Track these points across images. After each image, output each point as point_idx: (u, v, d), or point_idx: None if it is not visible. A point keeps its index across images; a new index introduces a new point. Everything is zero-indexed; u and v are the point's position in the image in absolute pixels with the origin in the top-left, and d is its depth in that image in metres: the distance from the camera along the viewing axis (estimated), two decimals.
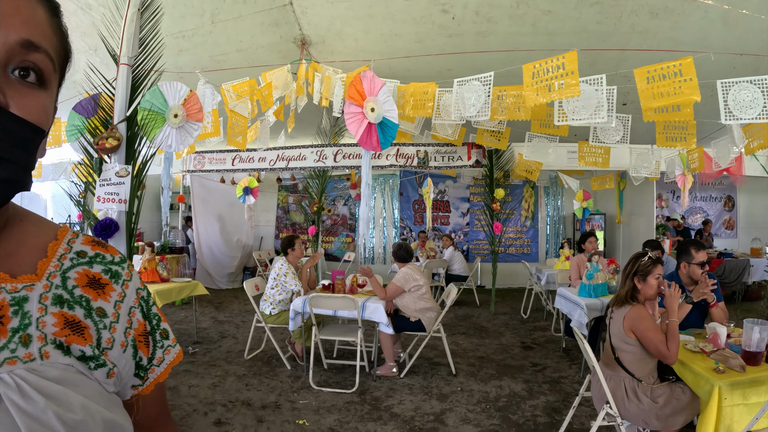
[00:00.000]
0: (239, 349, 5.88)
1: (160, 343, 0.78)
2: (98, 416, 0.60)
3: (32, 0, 0.61)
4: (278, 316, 5.38)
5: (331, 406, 4.23)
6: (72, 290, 0.66)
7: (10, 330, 0.58)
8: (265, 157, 8.92)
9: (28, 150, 0.60)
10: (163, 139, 4.02)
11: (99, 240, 0.75)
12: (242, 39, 6.55)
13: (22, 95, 0.59)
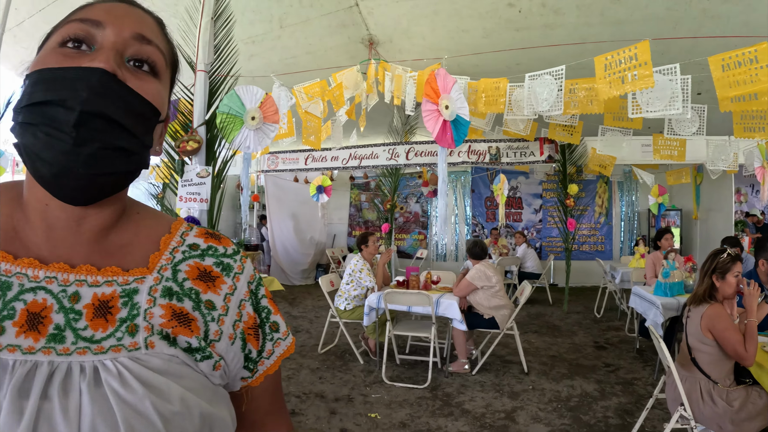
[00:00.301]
0: (313, 344, 5.99)
1: (270, 336, 0.77)
2: (196, 409, 0.61)
3: (142, 12, 0.69)
4: (353, 312, 5.45)
5: (402, 401, 4.25)
6: (182, 283, 0.68)
7: (118, 320, 0.61)
8: (338, 156, 9.03)
9: (144, 125, 0.63)
10: (242, 140, 4.12)
11: (213, 232, 0.77)
12: (311, 42, 6.65)
13: (138, 78, 0.64)
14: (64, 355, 0.57)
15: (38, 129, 0.57)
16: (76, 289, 0.61)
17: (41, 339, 0.57)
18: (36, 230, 0.64)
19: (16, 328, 0.56)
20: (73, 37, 0.61)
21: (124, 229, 0.69)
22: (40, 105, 0.57)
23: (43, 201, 0.62)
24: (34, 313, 0.58)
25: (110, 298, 0.62)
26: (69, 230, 0.64)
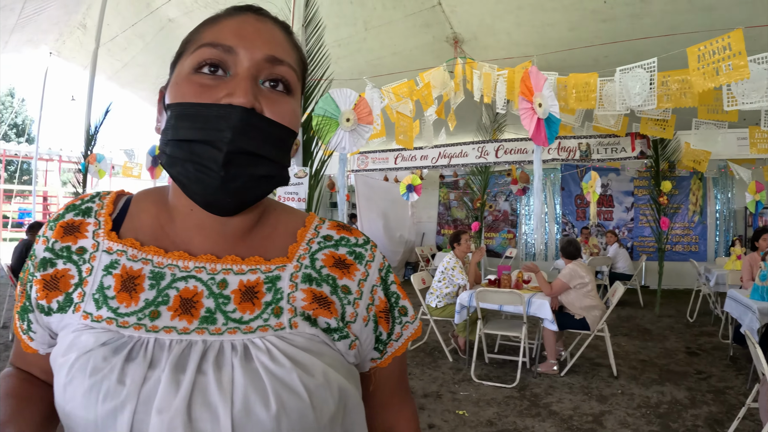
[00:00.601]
0: None
1: (399, 320, 0.81)
2: (335, 383, 0.66)
3: (269, 23, 0.71)
4: (443, 309, 5.46)
5: (490, 399, 4.24)
6: (320, 270, 0.73)
7: (263, 303, 0.68)
8: (427, 155, 9.05)
9: (282, 149, 0.69)
10: (337, 141, 4.22)
11: (344, 224, 0.82)
12: (396, 42, 6.72)
13: (274, 102, 0.67)
14: (216, 335, 0.64)
15: (188, 164, 0.64)
16: (224, 276, 0.69)
17: (194, 321, 0.65)
18: (183, 228, 0.72)
19: (170, 312, 0.65)
20: (208, 63, 0.66)
21: (264, 224, 0.77)
22: (188, 142, 0.64)
23: (188, 207, 0.70)
24: (186, 299, 0.66)
25: (255, 284, 0.69)
26: (214, 230, 0.71)
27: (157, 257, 0.68)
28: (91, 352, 0.61)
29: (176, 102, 0.66)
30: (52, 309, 0.67)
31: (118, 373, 0.59)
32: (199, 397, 0.59)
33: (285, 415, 0.60)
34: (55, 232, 0.71)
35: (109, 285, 0.66)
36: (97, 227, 0.71)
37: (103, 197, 0.76)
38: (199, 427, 0.57)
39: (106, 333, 0.63)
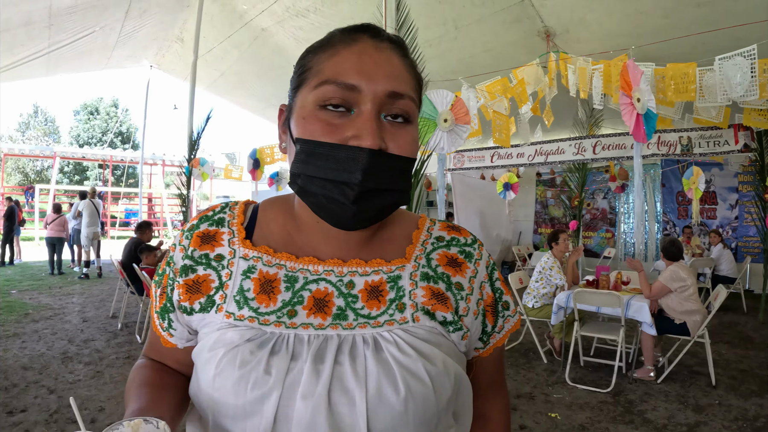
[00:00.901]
0: None
1: (502, 313, 0.90)
2: (452, 370, 0.76)
3: (387, 49, 0.78)
4: (540, 310, 5.54)
5: (584, 404, 4.27)
6: (435, 269, 0.84)
7: (388, 300, 0.79)
8: (524, 153, 9.05)
9: (405, 177, 0.78)
10: (436, 142, 4.36)
11: (453, 225, 0.93)
12: (487, 39, 6.79)
13: (396, 135, 0.75)
14: (349, 330, 0.76)
15: (320, 197, 0.74)
16: (350, 278, 0.80)
17: (328, 318, 0.76)
18: (309, 236, 0.83)
19: (306, 311, 0.77)
20: (334, 102, 0.73)
21: (383, 229, 0.87)
22: (321, 180, 0.73)
23: (315, 219, 0.80)
24: (319, 299, 0.78)
25: (379, 284, 0.80)
26: (339, 239, 0.82)
27: (289, 262, 0.81)
28: (238, 347, 0.72)
29: (306, 138, 0.74)
30: (194, 309, 0.79)
31: (265, 365, 0.70)
32: (338, 385, 0.69)
33: (412, 398, 0.69)
34: (192, 242, 0.83)
35: (249, 288, 0.78)
36: (231, 236, 0.84)
37: (232, 207, 0.89)
38: (338, 410, 0.68)
39: (249, 330, 0.74)
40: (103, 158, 25.68)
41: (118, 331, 6.66)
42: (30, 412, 4.10)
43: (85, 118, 38.17)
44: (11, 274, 11.69)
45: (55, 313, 7.71)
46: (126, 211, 26.01)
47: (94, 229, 11.64)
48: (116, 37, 10.42)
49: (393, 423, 0.69)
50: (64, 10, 7.87)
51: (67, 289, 9.94)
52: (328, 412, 0.67)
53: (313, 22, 8.07)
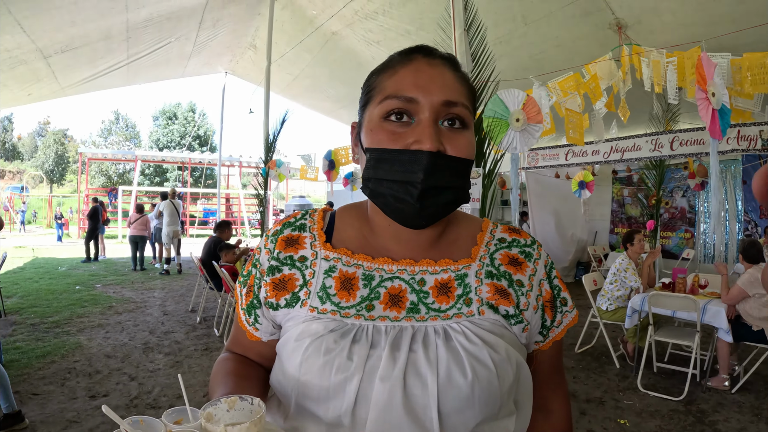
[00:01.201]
0: (570, 342, 6.10)
1: (560, 309, 0.98)
2: (514, 358, 0.85)
3: (439, 65, 0.89)
4: (614, 313, 5.45)
5: (654, 411, 4.19)
6: (498, 267, 0.94)
7: (456, 296, 0.89)
8: (599, 150, 8.84)
9: (463, 177, 0.88)
10: (508, 142, 4.39)
11: (514, 227, 1.02)
12: (557, 34, 6.70)
13: (453, 139, 0.85)
14: (421, 322, 0.86)
15: (389, 198, 0.85)
16: (422, 276, 0.91)
17: (402, 312, 0.87)
18: (382, 238, 0.95)
19: (382, 305, 0.87)
20: (396, 113, 0.85)
21: (449, 231, 0.97)
22: (388, 182, 0.84)
23: (386, 222, 0.92)
24: (394, 295, 0.88)
25: (447, 281, 0.90)
26: (410, 240, 0.93)
27: (366, 263, 0.92)
28: (323, 337, 0.83)
29: (374, 147, 0.86)
30: (280, 305, 0.91)
31: (347, 352, 0.81)
32: (412, 369, 0.79)
33: (477, 382, 0.79)
34: (277, 245, 0.95)
35: (330, 285, 0.89)
36: (312, 240, 0.95)
37: (312, 214, 1.01)
38: (412, 392, 0.78)
39: (332, 322, 0.85)
40: (182, 161, 26.85)
41: (196, 325, 7.07)
42: (111, 396, 4.44)
43: (164, 123, 40.05)
44: (96, 270, 12.52)
45: (137, 306, 8.25)
46: (204, 210, 27.09)
47: (175, 227, 12.34)
48: (191, 46, 10.95)
49: (460, 404, 0.78)
50: (140, 24, 8.36)
51: (149, 284, 10.57)
52: (403, 394, 0.78)
53: (382, 24, 8.20)
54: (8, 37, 6.77)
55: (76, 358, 5.47)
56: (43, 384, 4.68)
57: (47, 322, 6.99)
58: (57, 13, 6.71)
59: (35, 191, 36.09)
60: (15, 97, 9.90)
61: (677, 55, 5.15)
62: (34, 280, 10.55)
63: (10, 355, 5.45)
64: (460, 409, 0.79)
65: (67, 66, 9.05)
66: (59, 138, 44.39)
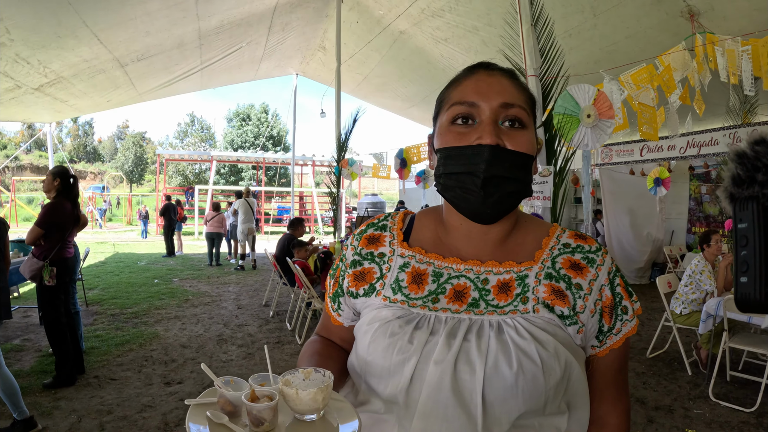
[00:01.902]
0: (641, 347, 5.97)
1: (620, 317, 0.99)
2: (563, 356, 0.89)
3: (497, 75, 0.99)
4: (688, 317, 5.30)
5: (724, 422, 4.05)
6: (558, 270, 0.98)
7: (514, 294, 0.95)
8: (675, 145, 8.57)
9: (524, 170, 0.96)
10: (579, 139, 4.33)
11: (581, 234, 1.05)
12: (628, 25, 6.52)
13: (512, 137, 0.94)
14: (479, 315, 0.93)
15: (457, 189, 0.96)
16: (486, 276, 0.98)
17: (463, 306, 0.95)
18: (455, 239, 1.04)
19: (446, 299, 0.96)
20: (460, 116, 0.96)
21: (517, 233, 1.04)
22: (455, 175, 0.95)
23: (459, 221, 1.02)
24: (458, 291, 0.97)
25: (509, 282, 0.97)
26: (479, 238, 1.02)
27: (437, 261, 1.02)
28: (390, 322, 0.94)
29: (443, 147, 0.98)
30: (359, 294, 1.03)
31: (409, 336, 0.91)
32: (464, 356, 0.87)
33: (522, 374, 0.85)
34: (361, 243, 1.10)
35: (403, 279, 1.00)
36: (392, 239, 1.08)
37: (393, 217, 1.14)
38: (461, 376, 0.86)
39: (400, 310, 0.96)
40: (256, 160, 27.73)
41: (269, 318, 7.34)
42: (185, 384, 4.70)
43: (238, 125, 41.22)
44: (173, 265, 13.16)
45: (212, 300, 8.63)
46: (279, 208, 27.77)
47: (249, 225, 12.81)
48: (262, 50, 11.30)
49: (504, 393, 0.85)
50: (212, 31, 8.71)
51: (224, 279, 11.02)
52: (453, 377, 0.86)
53: (449, 21, 8.21)
54: (86, 49, 7.21)
55: (152, 347, 5.81)
56: (121, 370, 5.01)
57: (126, 313, 7.44)
58: (131, 24, 7.10)
59: (115, 191, 38.01)
60: (95, 103, 10.50)
61: (752, 43, 4.92)
62: (114, 274, 11.20)
63: (91, 342, 5.84)
64: (504, 398, 0.85)
65: (144, 73, 9.53)
66: (138, 140, 46.73)
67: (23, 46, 6.45)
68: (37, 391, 4.41)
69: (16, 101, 8.49)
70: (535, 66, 4.18)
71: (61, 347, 4.51)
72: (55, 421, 3.87)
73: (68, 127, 49.71)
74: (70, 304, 4.85)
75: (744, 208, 0.76)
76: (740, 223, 0.76)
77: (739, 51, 5.07)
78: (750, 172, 0.76)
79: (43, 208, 4.49)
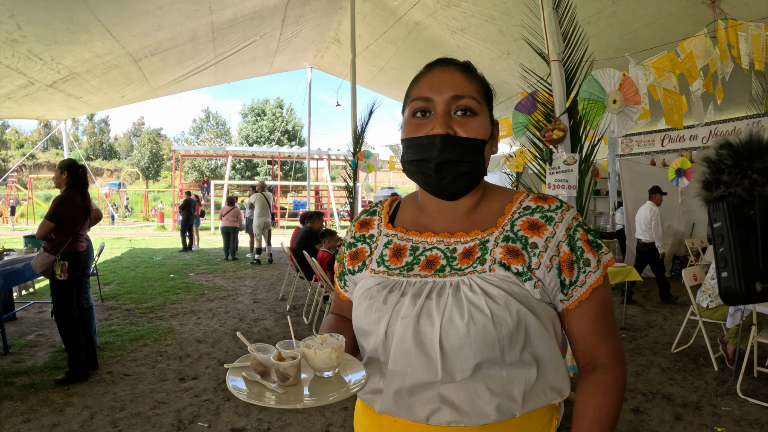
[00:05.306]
0: (666, 342, 5.87)
1: (583, 269, 1.07)
2: (514, 309, 1.00)
3: (451, 70, 1.13)
4: (715, 311, 5.16)
5: (753, 420, 3.92)
6: (516, 232, 1.10)
7: (476, 258, 1.08)
8: (697, 135, 8.41)
9: (474, 153, 1.09)
10: (606, 125, 4.20)
11: (543, 195, 1.15)
12: (648, 12, 6.39)
13: (463, 125, 1.09)
14: (443, 278, 1.08)
15: (418, 174, 1.13)
16: (455, 246, 1.12)
17: (431, 272, 1.10)
18: (429, 216, 1.20)
19: (419, 268, 1.12)
20: (419, 111, 1.12)
21: (483, 204, 1.18)
22: (415, 161, 1.11)
23: (429, 198, 1.19)
24: (430, 260, 1.12)
25: (472, 248, 1.10)
26: (449, 213, 1.17)
27: (414, 237, 1.19)
28: (371, 288, 1.13)
29: (405, 138, 1.14)
30: (355, 271, 1.23)
31: (383, 298, 1.09)
32: (425, 312, 1.03)
33: (473, 324, 0.98)
34: (356, 227, 1.31)
35: (386, 254, 1.19)
36: (379, 222, 1.28)
37: (382, 203, 1.33)
38: (423, 329, 1.02)
39: (380, 278, 1.15)
40: (271, 155, 27.72)
41: (286, 312, 7.34)
42: (200, 380, 4.66)
43: (252, 120, 41.35)
44: (189, 259, 13.22)
45: (228, 294, 8.63)
46: (294, 203, 27.80)
47: (265, 219, 12.81)
48: (276, 43, 11.23)
49: (459, 342, 0.99)
50: (225, 24, 8.64)
51: (240, 273, 11.04)
52: (415, 329, 1.02)
53: (465, 11, 8.08)
54: (99, 44, 7.17)
55: (167, 342, 5.80)
56: (135, 365, 4.98)
57: (142, 308, 7.45)
58: (143, 19, 7.04)
59: (132, 187, 38.35)
60: (109, 99, 10.49)
61: None
62: (130, 269, 11.26)
63: (105, 337, 5.84)
64: (460, 345, 0.99)
65: (157, 68, 9.49)
66: (153, 137, 47.05)
67: (35, 42, 6.42)
68: (49, 387, 4.39)
69: (30, 98, 8.48)
70: (558, 51, 4.04)
71: (73, 342, 4.49)
72: (67, 417, 3.85)
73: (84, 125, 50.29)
74: (83, 299, 4.84)
75: (716, 208, 0.87)
76: (715, 222, 0.88)
77: (764, 36, 4.91)
78: (716, 175, 0.87)
79: (53, 201, 4.46)
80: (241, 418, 3.88)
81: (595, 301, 1.08)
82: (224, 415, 3.93)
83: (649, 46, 6.17)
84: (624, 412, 3.99)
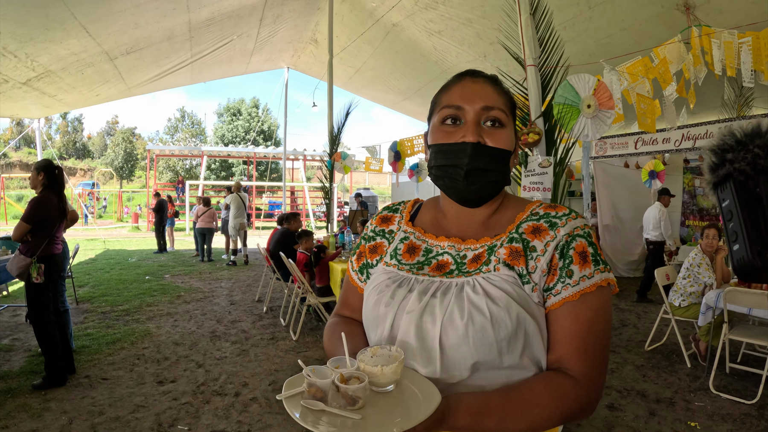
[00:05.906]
0: (639, 339, 5.97)
1: (562, 279, 1.05)
2: (514, 311, 1.01)
3: (481, 81, 1.18)
4: (687, 309, 5.29)
5: (726, 415, 4.02)
6: (520, 234, 1.12)
7: (482, 262, 1.11)
8: (670, 138, 8.55)
9: (501, 162, 1.14)
10: (580, 129, 4.27)
11: (553, 205, 1.17)
12: (623, 17, 6.50)
13: (492, 135, 1.13)
14: (449, 279, 1.11)
15: (446, 179, 1.16)
16: (465, 252, 1.16)
17: (440, 274, 1.14)
18: (448, 221, 1.24)
19: (429, 269, 1.16)
20: (449, 118, 1.15)
21: (499, 213, 1.21)
22: (444, 167, 1.15)
23: (450, 205, 1.22)
24: (440, 264, 1.17)
25: (481, 253, 1.13)
26: (467, 219, 1.21)
27: (430, 239, 1.23)
28: (381, 282, 1.17)
29: (434, 143, 1.17)
30: (373, 264, 1.28)
31: (392, 293, 1.13)
32: (429, 310, 1.05)
33: (472, 324, 1.00)
34: (376, 221, 1.36)
35: (401, 248, 1.24)
36: (400, 219, 1.33)
37: (405, 203, 1.38)
38: (425, 326, 1.04)
39: (392, 272, 1.19)
40: (247, 155, 27.54)
41: (263, 314, 7.30)
42: (179, 383, 4.62)
43: (228, 119, 40.98)
44: (165, 261, 13.06)
45: (205, 296, 8.56)
46: (270, 203, 27.66)
47: (241, 220, 12.74)
48: (253, 43, 11.19)
49: (457, 340, 1.00)
50: (202, 23, 8.59)
51: (216, 275, 10.95)
52: (418, 325, 1.05)
53: (442, 13, 8.13)
54: (75, 41, 7.09)
55: (144, 345, 5.73)
56: (113, 369, 4.92)
57: (117, 311, 7.35)
58: (120, 17, 6.97)
59: (106, 187, 37.76)
60: (84, 98, 10.36)
61: (751, 35, 4.87)
62: (105, 271, 11.09)
63: (81, 341, 5.75)
64: (458, 344, 1.00)
65: (133, 67, 9.41)
66: (127, 136, 46.22)
67: (10, 39, 6.32)
68: (26, 392, 4.31)
69: (3, 96, 8.35)
70: (534, 56, 4.10)
71: (49, 346, 4.41)
72: (45, 423, 3.78)
73: (57, 124, 49.34)
74: (59, 302, 4.76)
75: (723, 188, 0.91)
76: (723, 202, 0.92)
77: (737, 43, 5.03)
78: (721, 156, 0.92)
79: (29, 203, 4.38)
80: (221, 420, 3.87)
81: (570, 315, 1.04)
82: (204, 417, 3.90)
83: (625, 51, 6.27)
84: (599, 409, 4.05)
